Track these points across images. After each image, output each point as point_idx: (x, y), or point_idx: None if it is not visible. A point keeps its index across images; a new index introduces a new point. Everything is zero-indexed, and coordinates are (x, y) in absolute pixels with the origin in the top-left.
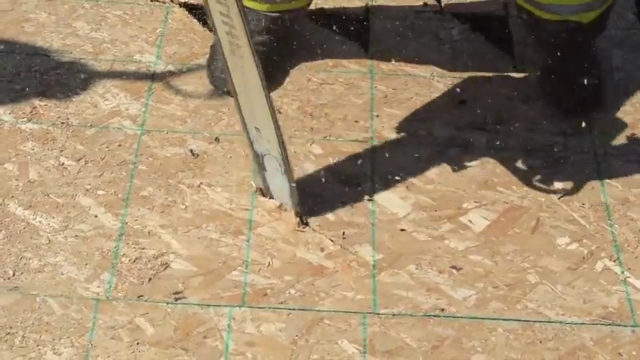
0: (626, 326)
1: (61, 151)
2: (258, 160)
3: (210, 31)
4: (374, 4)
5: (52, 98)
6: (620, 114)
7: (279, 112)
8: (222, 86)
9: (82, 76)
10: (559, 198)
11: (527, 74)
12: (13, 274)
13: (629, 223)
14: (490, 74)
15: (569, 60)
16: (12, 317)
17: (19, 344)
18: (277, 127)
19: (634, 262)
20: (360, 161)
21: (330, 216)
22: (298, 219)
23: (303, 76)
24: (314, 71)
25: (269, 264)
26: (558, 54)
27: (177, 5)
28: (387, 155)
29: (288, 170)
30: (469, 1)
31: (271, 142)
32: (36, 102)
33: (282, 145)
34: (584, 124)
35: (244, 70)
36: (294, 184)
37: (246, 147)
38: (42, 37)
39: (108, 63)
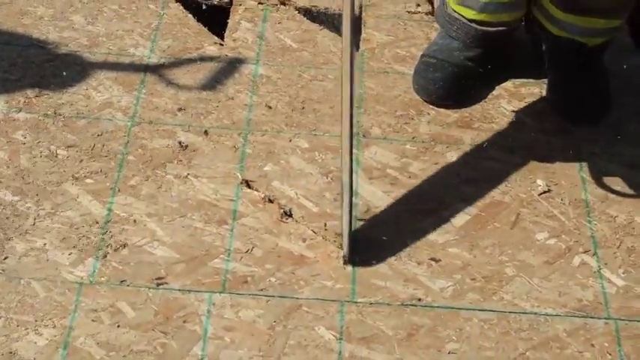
0: (599, 318)
1: (52, 140)
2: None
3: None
4: (368, 2)
5: (46, 89)
6: None
7: (269, 108)
8: (426, 95)
9: (77, 68)
10: (539, 195)
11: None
12: (1, 258)
13: (607, 220)
14: None
15: (575, 74)
16: None
17: (2, 325)
18: (349, 154)
19: (610, 258)
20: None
21: (313, 208)
22: (282, 211)
23: (294, 71)
24: (305, 67)
25: (248, 250)
26: (565, 68)
27: (173, 0)
28: (372, 150)
29: (346, 203)
30: None
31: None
32: (30, 92)
33: (348, 172)
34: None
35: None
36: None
37: (234, 140)
38: (39, 29)
39: (102, 56)
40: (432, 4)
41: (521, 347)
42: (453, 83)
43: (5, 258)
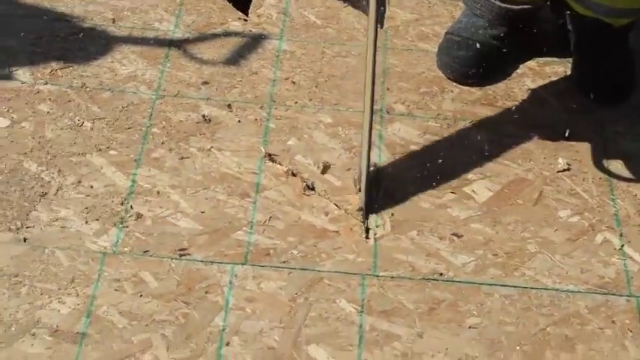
0: (621, 295)
1: (77, 112)
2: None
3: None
4: None
5: (71, 62)
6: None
7: (293, 83)
8: (450, 73)
9: (102, 41)
10: (562, 172)
11: None
12: (24, 227)
13: (630, 199)
14: None
15: (602, 53)
16: (20, 267)
17: (26, 292)
18: (370, 113)
19: (634, 236)
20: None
21: (336, 182)
22: (304, 185)
23: (318, 48)
24: (329, 44)
25: (266, 222)
26: (591, 46)
27: None
28: (395, 127)
29: (365, 156)
30: None
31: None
32: (55, 65)
33: (368, 131)
34: None
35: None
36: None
37: (257, 114)
38: (64, 2)
39: (127, 30)
40: None
41: (542, 323)
42: (477, 61)
43: (30, 227)
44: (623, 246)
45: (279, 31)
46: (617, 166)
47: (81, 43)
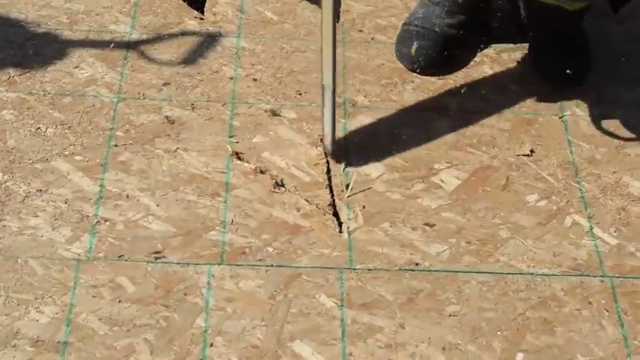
0: (595, 276)
1: (39, 118)
2: (322, 94)
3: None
4: None
5: (28, 68)
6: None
7: (254, 80)
8: (409, 64)
9: (58, 46)
10: (527, 156)
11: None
12: None
13: (596, 180)
14: None
15: (556, 37)
16: None
17: (3, 303)
18: (333, 59)
19: (601, 217)
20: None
21: (305, 177)
22: (274, 182)
23: (276, 44)
24: (287, 39)
25: (238, 221)
26: (546, 31)
27: None
28: (359, 119)
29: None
30: None
31: (325, 73)
32: (12, 71)
33: (333, 78)
34: None
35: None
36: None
37: (221, 113)
38: (17, 8)
39: (83, 33)
40: None
41: (521, 307)
42: (435, 50)
43: (1, 238)
44: (592, 228)
45: (236, 28)
46: (579, 148)
47: (37, 48)
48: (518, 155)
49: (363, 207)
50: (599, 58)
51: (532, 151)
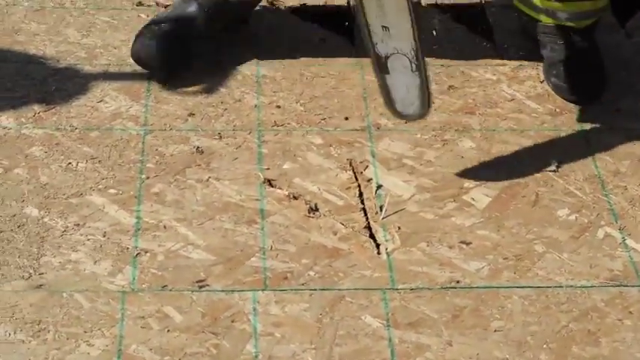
0: (633, 286)
1: (69, 153)
2: (380, 63)
3: None
4: None
5: (52, 104)
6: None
7: (277, 107)
8: (148, 60)
9: (80, 81)
10: (553, 172)
11: (509, 59)
12: (37, 273)
13: (623, 193)
14: (474, 61)
15: (569, 55)
16: (41, 313)
17: (52, 338)
18: (413, 20)
19: (632, 228)
20: (361, 149)
21: (338, 201)
22: (308, 207)
23: (295, 70)
24: (305, 65)
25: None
26: (559, 49)
27: (163, 8)
28: (385, 142)
29: (421, 65)
30: None
31: (404, 37)
32: (37, 108)
33: (417, 38)
34: None
35: None
36: (428, 79)
37: (248, 141)
38: (34, 45)
39: (103, 67)
40: None
41: (564, 320)
42: (173, 47)
43: (43, 273)
44: (624, 239)
45: (254, 56)
46: (603, 162)
47: (59, 84)
48: (545, 171)
49: (399, 228)
50: (612, 71)
51: (558, 167)
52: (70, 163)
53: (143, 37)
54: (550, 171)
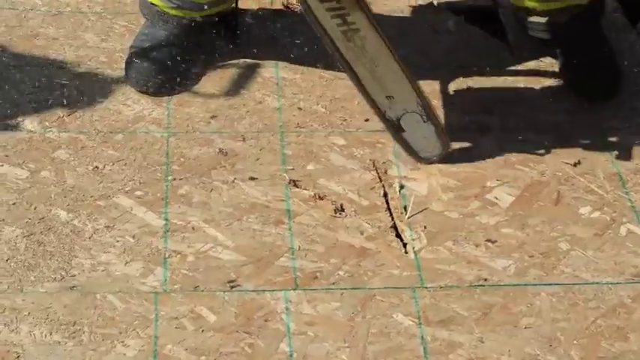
0: None
1: (94, 156)
2: (394, 125)
3: None
4: (370, 1)
5: (75, 107)
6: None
7: (299, 109)
8: (143, 86)
9: (101, 84)
10: (575, 171)
11: (524, 59)
12: (69, 275)
13: None
14: (490, 62)
15: (585, 50)
16: (76, 315)
17: (88, 339)
18: (413, 82)
19: None
20: (383, 149)
21: (363, 201)
22: (335, 205)
23: (315, 72)
24: (324, 67)
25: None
26: (573, 47)
27: None
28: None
29: (431, 114)
30: None
31: (408, 99)
32: (60, 112)
33: (420, 94)
34: None
35: (366, 49)
36: (441, 124)
37: (271, 142)
38: (54, 49)
39: (123, 71)
40: None
41: (592, 316)
42: (163, 71)
43: (74, 275)
44: None
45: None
46: (622, 160)
47: (81, 87)
48: (565, 163)
49: (425, 227)
50: (625, 71)
51: (578, 162)
52: (96, 165)
53: (133, 63)
54: (571, 169)
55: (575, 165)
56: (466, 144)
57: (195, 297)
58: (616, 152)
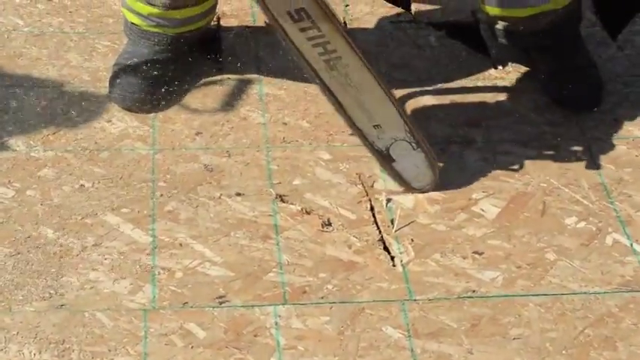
0: None
1: (80, 174)
2: (383, 155)
3: None
4: (351, 17)
5: (60, 126)
6: None
7: (284, 124)
8: (127, 103)
9: (85, 103)
10: (560, 182)
11: (507, 73)
12: (57, 293)
13: (627, 200)
14: (472, 75)
15: (564, 60)
16: (65, 333)
17: (77, 357)
18: (399, 109)
19: (639, 234)
20: (369, 163)
21: (350, 215)
22: (322, 220)
23: (299, 88)
24: (307, 82)
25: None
26: (552, 57)
27: None
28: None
29: (420, 142)
30: (439, 10)
31: (396, 127)
32: (45, 131)
33: (407, 122)
34: None
35: (350, 77)
36: (431, 151)
37: (257, 158)
38: (38, 69)
39: (107, 89)
40: (408, 9)
41: (580, 326)
42: (147, 87)
43: (63, 293)
44: (632, 245)
45: (256, 75)
46: (606, 170)
47: (65, 106)
48: (551, 180)
49: (412, 240)
50: (607, 83)
51: (563, 173)
52: (82, 184)
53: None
54: (556, 180)
55: (559, 176)
56: (451, 156)
57: (184, 313)
58: (600, 162)
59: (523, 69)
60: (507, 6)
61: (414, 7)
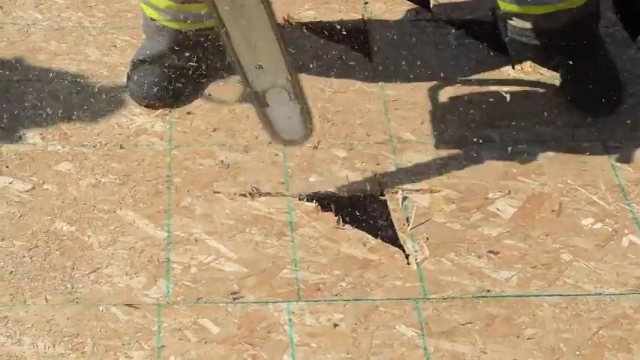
0: None
1: (97, 169)
2: (258, 97)
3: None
4: (370, 15)
5: (77, 121)
6: None
7: None
8: (145, 99)
9: (103, 98)
10: (577, 183)
11: (525, 73)
12: (72, 287)
13: None
14: (491, 74)
15: (582, 60)
16: (79, 327)
17: (91, 351)
18: (284, 52)
19: None
20: (385, 162)
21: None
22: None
23: (316, 86)
24: (324, 81)
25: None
26: (569, 57)
27: None
28: (409, 154)
29: (299, 95)
30: (458, 7)
31: (279, 72)
32: (63, 125)
33: (292, 72)
34: None
35: (244, 8)
36: (307, 103)
37: (273, 155)
38: (56, 64)
39: (125, 85)
40: (427, 7)
41: (594, 327)
42: (165, 84)
43: (78, 287)
44: None
45: None
46: (624, 171)
47: (83, 101)
48: (568, 181)
49: (427, 238)
50: (627, 84)
51: (580, 174)
52: (98, 178)
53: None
54: (573, 181)
55: (576, 177)
56: (467, 156)
57: (198, 309)
58: (617, 164)
59: (542, 69)
60: (523, 3)
61: (432, 5)
